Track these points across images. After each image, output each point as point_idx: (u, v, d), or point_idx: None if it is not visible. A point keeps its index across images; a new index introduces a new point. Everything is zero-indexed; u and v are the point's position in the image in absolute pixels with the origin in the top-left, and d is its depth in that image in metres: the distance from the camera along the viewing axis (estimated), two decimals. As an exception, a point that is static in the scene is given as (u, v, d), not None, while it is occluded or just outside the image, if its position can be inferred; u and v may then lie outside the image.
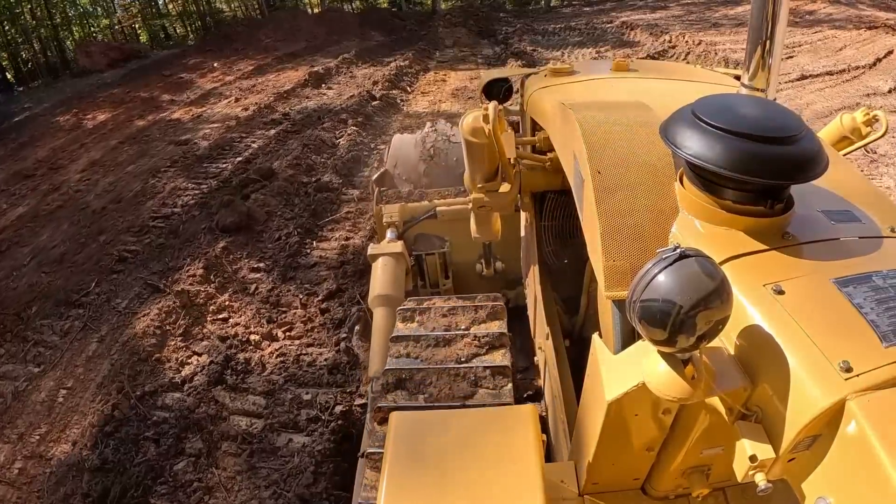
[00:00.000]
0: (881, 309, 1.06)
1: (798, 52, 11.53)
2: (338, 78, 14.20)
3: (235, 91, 13.48)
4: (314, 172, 8.00)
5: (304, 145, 8.81)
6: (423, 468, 1.48)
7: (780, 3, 1.33)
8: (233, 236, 6.22)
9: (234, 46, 19.35)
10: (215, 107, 12.32)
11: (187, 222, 6.88)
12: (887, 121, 2.08)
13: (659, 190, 1.47)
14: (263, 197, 7.05)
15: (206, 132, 10.45)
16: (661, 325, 0.97)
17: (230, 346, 4.61)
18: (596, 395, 1.32)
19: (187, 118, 11.65)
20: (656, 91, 2.25)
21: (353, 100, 11.42)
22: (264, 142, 9.52)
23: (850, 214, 1.34)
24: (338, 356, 4.43)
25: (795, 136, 1.22)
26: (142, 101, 13.24)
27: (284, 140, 9.54)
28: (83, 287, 5.75)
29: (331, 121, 10.12)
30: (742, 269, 1.20)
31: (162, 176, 8.47)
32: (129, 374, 4.42)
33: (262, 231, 6.42)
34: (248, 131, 10.25)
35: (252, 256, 5.94)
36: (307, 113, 11.04)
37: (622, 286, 1.38)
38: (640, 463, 1.47)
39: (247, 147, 9.49)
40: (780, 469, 1.07)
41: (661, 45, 13.80)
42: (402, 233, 4.04)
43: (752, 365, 1.10)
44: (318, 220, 6.68)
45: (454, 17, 22.83)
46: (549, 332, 2.60)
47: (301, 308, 5.06)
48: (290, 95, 12.48)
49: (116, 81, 15.89)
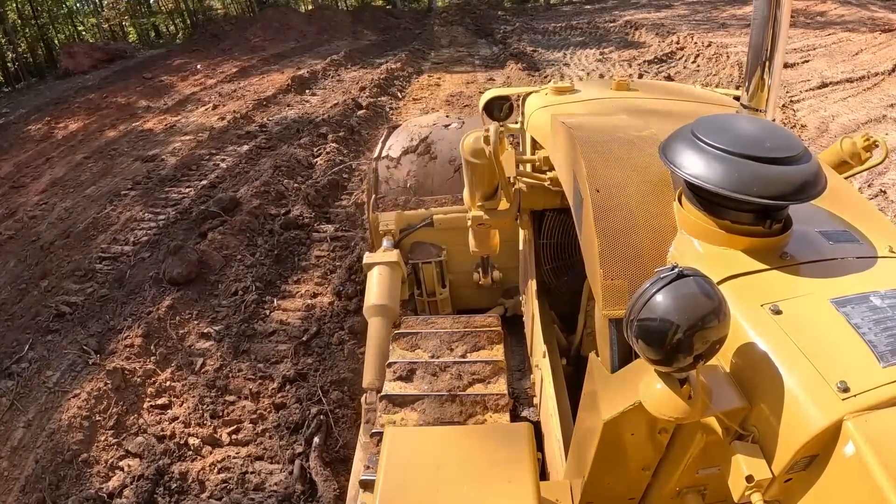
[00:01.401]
0: (879, 329, 1.06)
1: (813, 55, 11.25)
2: (324, 82, 13.63)
3: (215, 96, 13.02)
4: (284, 202, 7.10)
5: (275, 167, 7.89)
6: (417, 485, 1.46)
7: (780, 25, 1.34)
8: (182, 290, 5.34)
9: (222, 46, 18.90)
10: (191, 115, 11.78)
11: (135, 266, 6.06)
12: (887, 147, 2.09)
13: (657, 209, 1.47)
14: (222, 236, 6.09)
15: (176, 146, 9.84)
16: (659, 344, 0.97)
17: (166, 451, 3.80)
18: (592, 413, 1.32)
19: (160, 128, 11.13)
20: (656, 111, 2.26)
21: (336, 108, 10.65)
22: (234, 160, 8.71)
23: (848, 235, 1.35)
24: (291, 481, 3.56)
25: (794, 156, 1.22)
26: (117, 107, 12.84)
27: (256, 158, 8.77)
28: (16, 350, 5.00)
29: (309, 135, 9.32)
30: (740, 288, 1.20)
31: (119, 202, 7.76)
32: (52, 481, 3.67)
33: (216, 282, 5.50)
34: (219, 146, 9.51)
35: (203, 317, 5.05)
36: (286, 124, 10.34)
37: (620, 305, 1.38)
38: (635, 482, 1.46)
39: (214, 167, 8.68)
40: (776, 490, 1.07)
41: (668, 47, 13.47)
42: (398, 241, 4.01)
43: (750, 385, 1.10)
44: (282, 267, 5.74)
45: (450, 15, 22.41)
46: (545, 350, 2.60)
47: (251, 400, 4.19)
48: (270, 103, 11.92)
49: (97, 85, 15.67)
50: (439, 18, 22.35)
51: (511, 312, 4.20)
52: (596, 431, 1.28)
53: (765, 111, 1.47)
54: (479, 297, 4.32)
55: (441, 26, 20.82)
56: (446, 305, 4.32)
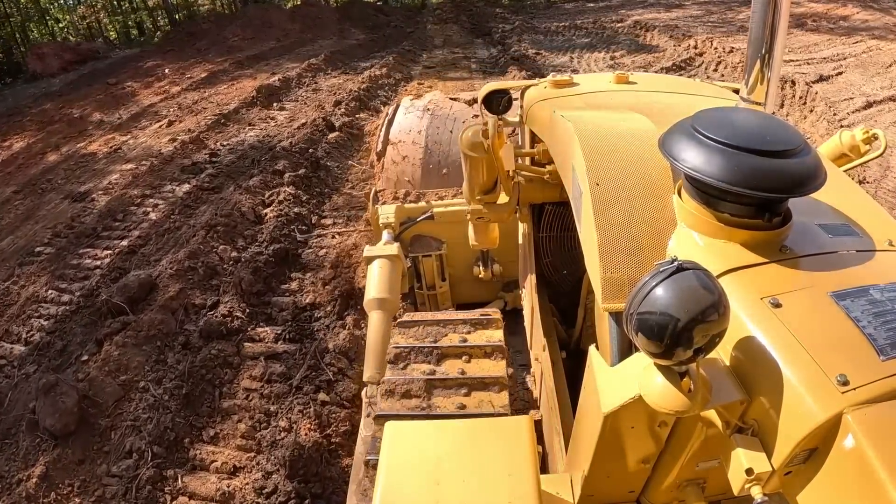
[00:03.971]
0: (878, 322, 1.06)
1: (845, 67, 10.63)
2: (297, 92, 12.14)
3: (174, 109, 11.77)
4: (214, 283, 5.34)
5: (210, 226, 6.10)
6: (417, 478, 1.47)
7: (779, 17, 1.34)
8: (61, 445, 3.81)
9: (198, 46, 17.69)
10: (141, 134, 10.54)
11: (18, 386, 4.53)
12: (886, 139, 2.09)
13: (657, 202, 1.47)
14: (121, 351, 4.46)
15: (113, 179, 8.46)
16: (659, 337, 0.97)
17: None
18: (592, 407, 1.32)
19: (104, 152, 9.81)
20: (656, 104, 2.26)
21: (304, 131, 9.04)
22: (167, 208, 7.12)
23: (848, 228, 1.35)
24: None
25: (794, 149, 1.22)
26: (69, 122, 11.70)
27: (194, 206, 7.14)
28: None
29: (263, 172, 7.55)
30: (739, 282, 1.21)
31: (29, 267, 6.33)
32: None
33: (109, 429, 3.95)
34: (157, 183, 7.95)
35: (86, 492, 3.57)
36: (240, 152, 8.74)
37: (619, 298, 1.38)
38: (635, 475, 1.46)
39: (142, 218, 7.07)
40: (776, 482, 1.07)
41: (685, 52, 12.47)
42: (398, 234, 4.01)
43: (749, 378, 1.10)
44: (195, 413, 4.03)
45: (445, 13, 21.08)
46: (545, 343, 2.60)
47: None
48: (229, 120, 10.38)
49: (59, 91, 14.74)
50: (433, 16, 21.11)
51: (511, 306, 4.21)
52: (596, 425, 1.28)
53: (764, 104, 1.47)
54: (479, 291, 4.33)
55: (435, 24, 19.71)
56: (446, 299, 4.33)
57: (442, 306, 4.29)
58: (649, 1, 19.97)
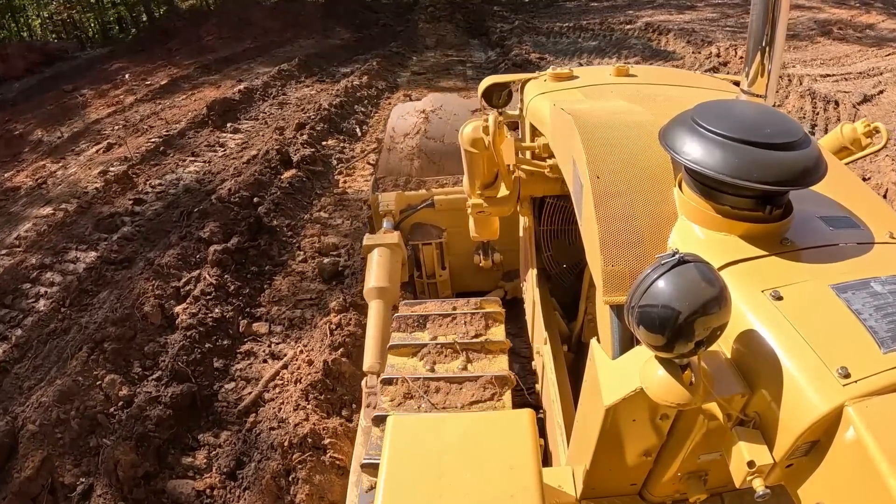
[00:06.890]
0: (879, 315, 1.06)
1: (884, 83, 9.53)
2: (260, 106, 10.58)
3: (120, 125, 10.38)
4: (90, 452, 3.60)
5: (97, 343, 4.30)
6: (420, 472, 1.47)
7: (780, 9, 1.33)
8: None
9: (170, 45, 16.51)
10: (73, 162, 8.99)
11: None
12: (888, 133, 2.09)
13: (658, 195, 1.47)
14: None
15: (22, 232, 6.76)
16: (660, 330, 0.97)
17: None
18: (594, 400, 1.32)
19: (28, 186, 8.27)
20: (656, 96, 2.25)
21: (253, 168, 7.27)
22: (59, 296, 5.32)
23: (849, 220, 1.35)
24: None
25: (795, 142, 1.22)
26: (7, 141, 10.31)
27: (94, 289, 5.44)
28: None
29: (186, 239, 5.82)
30: (741, 274, 1.21)
31: None
32: None
33: None
34: (62, 248, 6.17)
35: None
36: (170, 198, 7.18)
37: (621, 291, 1.38)
38: (637, 468, 1.47)
39: (29, 308, 5.31)
40: (778, 475, 1.07)
41: (707, 61, 11.19)
42: (398, 222, 4.00)
43: (751, 370, 1.10)
44: None
45: (438, 10, 19.49)
46: (547, 336, 2.60)
47: None
48: (172, 147, 8.81)
49: (11, 99, 13.37)
50: (425, 13, 19.40)
51: (511, 295, 4.21)
52: (598, 417, 1.29)
53: (765, 96, 1.46)
54: (479, 280, 4.33)
55: (427, 23, 18.13)
56: (446, 287, 4.33)
57: (442, 294, 4.30)
58: (658, 1, 18.73)
